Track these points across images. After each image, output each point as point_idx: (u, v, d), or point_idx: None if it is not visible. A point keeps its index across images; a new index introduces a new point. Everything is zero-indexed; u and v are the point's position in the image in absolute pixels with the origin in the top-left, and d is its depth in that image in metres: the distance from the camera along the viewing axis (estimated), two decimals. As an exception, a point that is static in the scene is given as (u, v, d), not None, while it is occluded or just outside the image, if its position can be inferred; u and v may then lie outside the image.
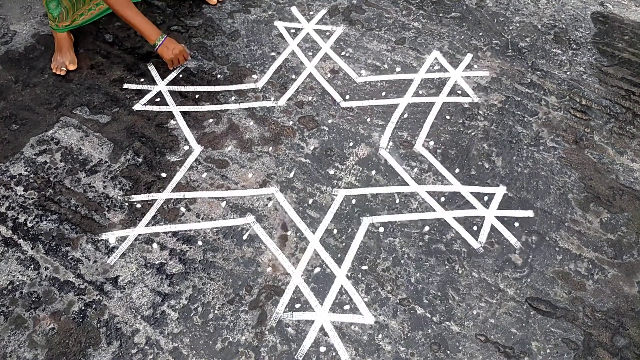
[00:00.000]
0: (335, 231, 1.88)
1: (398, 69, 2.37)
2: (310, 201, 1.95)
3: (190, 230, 1.86)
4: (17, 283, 1.72)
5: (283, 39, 2.48)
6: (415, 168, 2.05)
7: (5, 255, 1.78)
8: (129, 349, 1.61)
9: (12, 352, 1.59)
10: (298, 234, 1.86)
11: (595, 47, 2.51)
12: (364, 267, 1.80)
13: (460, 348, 1.65)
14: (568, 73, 2.39)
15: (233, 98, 2.24)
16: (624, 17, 2.66)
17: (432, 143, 2.13)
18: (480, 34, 2.54)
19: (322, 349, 1.63)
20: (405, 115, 2.21)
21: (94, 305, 1.69)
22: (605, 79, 2.37)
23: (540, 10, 2.68)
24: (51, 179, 1.96)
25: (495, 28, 2.57)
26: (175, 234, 1.85)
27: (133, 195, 1.93)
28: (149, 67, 2.32)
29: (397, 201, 1.96)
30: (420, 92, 2.29)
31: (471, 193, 1.99)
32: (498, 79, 2.35)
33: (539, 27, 2.59)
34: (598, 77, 2.38)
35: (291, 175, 2.02)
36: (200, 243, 1.83)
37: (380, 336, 1.66)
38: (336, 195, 1.97)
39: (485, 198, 1.98)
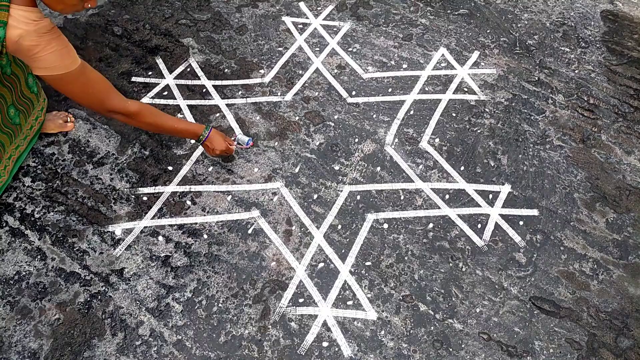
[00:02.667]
0: (339, 227, 1.88)
1: (405, 66, 2.37)
2: (315, 196, 1.95)
3: (196, 223, 1.87)
4: (24, 273, 1.74)
5: (290, 34, 2.48)
6: (420, 165, 2.05)
7: (13, 245, 1.80)
8: (133, 341, 1.62)
9: (17, 341, 1.61)
10: (302, 229, 1.87)
11: (605, 46, 2.49)
12: (368, 263, 1.80)
13: (462, 346, 1.65)
14: (576, 71, 2.37)
15: (240, 92, 2.24)
16: (633, 16, 2.63)
17: (437, 140, 2.12)
18: (488, 31, 2.53)
19: (325, 344, 1.63)
20: (411, 112, 2.21)
21: (99, 297, 1.70)
22: (614, 77, 2.36)
23: (549, 7, 2.66)
24: (59, 170, 1.98)
25: (503, 25, 2.56)
26: (180, 227, 1.86)
27: (139, 188, 1.94)
28: (157, 61, 2.33)
29: (402, 198, 1.96)
30: (426, 88, 2.29)
31: (476, 191, 1.99)
32: (505, 76, 2.34)
33: (548, 24, 2.57)
34: (607, 76, 2.36)
35: (296, 170, 2.02)
36: (205, 236, 1.84)
37: (382, 332, 1.66)
38: (341, 190, 1.97)
39: (490, 196, 1.97)
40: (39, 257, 1.77)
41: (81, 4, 1.34)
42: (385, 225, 1.89)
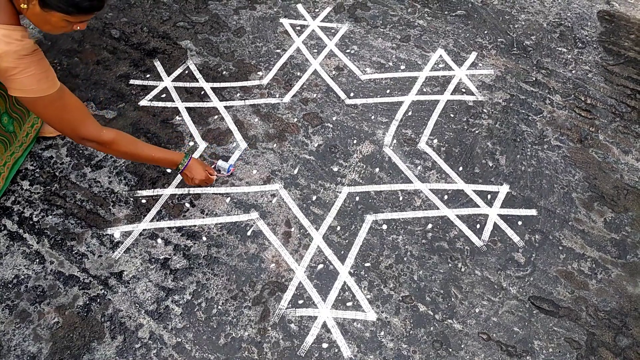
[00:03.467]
0: (338, 228, 1.88)
1: (403, 67, 2.37)
2: (314, 198, 1.95)
3: (195, 225, 1.87)
4: (23, 277, 1.73)
5: (288, 36, 2.48)
6: (419, 166, 2.05)
7: (11, 249, 1.79)
8: (132, 344, 1.62)
9: (16, 345, 1.61)
10: (302, 231, 1.87)
11: (601, 46, 2.50)
12: (367, 264, 1.80)
13: (462, 346, 1.65)
14: (573, 72, 2.38)
15: (238, 95, 2.24)
16: (630, 16, 2.64)
17: (436, 141, 2.13)
18: (485, 32, 2.53)
19: (325, 345, 1.63)
20: (410, 113, 2.21)
21: (98, 300, 1.70)
22: (611, 77, 2.37)
23: (546, 8, 2.67)
24: (57, 173, 1.97)
25: (500, 26, 2.56)
26: (179, 229, 1.86)
27: (138, 191, 1.94)
28: (155, 63, 2.33)
29: (401, 199, 1.96)
30: (424, 90, 2.29)
31: (474, 191, 1.99)
32: (503, 77, 2.35)
33: (545, 25, 2.58)
34: (603, 76, 2.37)
35: (295, 171, 2.02)
36: (204, 239, 1.84)
37: (382, 333, 1.66)
38: (340, 192, 1.97)
39: (489, 196, 1.98)
40: (37, 260, 1.77)
41: (69, 26, 1.32)
42: (384, 226, 1.89)
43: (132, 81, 2.27)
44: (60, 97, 1.38)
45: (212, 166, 1.96)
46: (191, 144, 2.08)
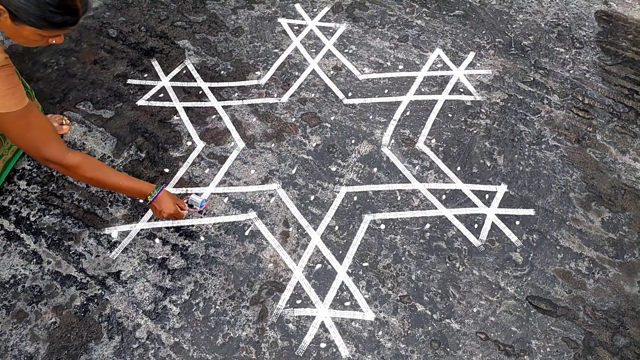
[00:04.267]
0: (336, 228, 1.88)
1: (401, 67, 2.37)
2: (312, 198, 1.95)
3: (193, 225, 1.87)
4: (20, 277, 1.73)
5: (286, 35, 2.48)
6: (417, 166, 2.05)
7: (8, 249, 1.79)
8: (130, 344, 1.62)
9: (13, 345, 1.60)
10: (300, 231, 1.87)
11: (599, 46, 2.50)
12: (365, 264, 1.80)
13: (460, 346, 1.65)
14: (571, 72, 2.38)
15: (236, 94, 2.24)
16: (628, 16, 2.65)
17: (434, 141, 2.13)
18: (483, 32, 2.54)
19: (323, 345, 1.63)
20: (408, 113, 2.21)
21: (95, 300, 1.69)
22: (609, 77, 2.37)
23: (544, 8, 2.67)
24: (54, 173, 1.97)
25: (498, 26, 2.57)
26: (177, 229, 1.86)
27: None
28: (153, 63, 2.33)
29: (399, 198, 1.96)
30: (422, 89, 2.29)
31: (472, 191, 1.99)
32: (501, 77, 2.35)
33: (543, 25, 2.58)
34: (601, 76, 2.37)
35: (293, 171, 2.02)
36: (202, 238, 1.84)
37: (380, 333, 1.66)
38: (338, 192, 1.97)
39: (487, 196, 1.98)
40: (34, 260, 1.77)
41: (44, 40, 1.27)
42: (382, 226, 1.89)
43: (129, 81, 2.26)
44: (25, 115, 1.33)
45: (185, 200, 1.84)
46: (189, 143, 2.07)
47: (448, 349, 1.64)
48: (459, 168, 2.05)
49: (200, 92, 2.25)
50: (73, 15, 1.22)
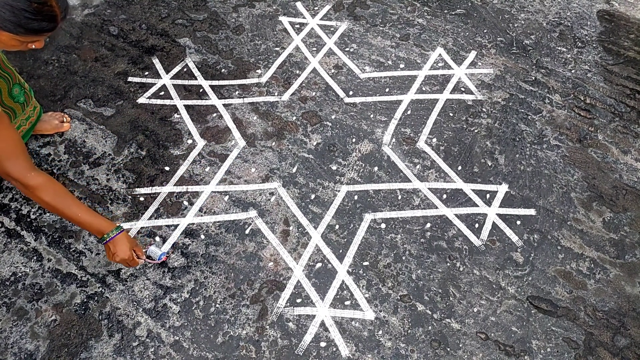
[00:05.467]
0: (337, 227, 1.88)
1: (402, 65, 2.37)
2: (313, 196, 1.95)
3: (193, 224, 1.87)
4: (20, 274, 1.73)
5: (287, 34, 2.47)
6: (417, 165, 2.05)
7: (9, 246, 1.79)
8: (130, 342, 1.62)
9: (14, 343, 1.60)
10: (300, 229, 1.87)
11: (601, 46, 2.50)
12: (365, 263, 1.80)
13: (460, 345, 1.65)
14: (573, 71, 2.38)
15: (237, 92, 2.24)
16: (630, 16, 2.64)
17: (435, 140, 2.12)
18: (484, 31, 2.53)
19: (323, 344, 1.63)
20: (409, 112, 2.21)
21: (96, 298, 1.69)
22: (610, 77, 2.36)
23: (545, 7, 2.66)
24: (55, 171, 1.97)
25: (500, 25, 2.56)
26: (177, 227, 1.85)
27: (136, 189, 1.94)
28: (154, 61, 2.32)
29: (399, 198, 1.96)
30: (423, 88, 2.29)
31: (473, 190, 1.99)
32: (502, 76, 2.34)
33: (544, 24, 2.58)
34: (603, 76, 2.37)
35: (294, 170, 2.02)
36: (202, 237, 1.84)
37: (380, 332, 1.66)
38: (338, 190, 1.97)
39: (488, 196, 1.98)
40: (35, 258, 1.77)
41: (22, 45, 1.25)
42: (383, 225, 1.89)
43: (130, 78, 2.26)
44: None
45: (144, 249, 1.72)
46: (189, 141, 2.07)
47: (448, 349, 1.64)
48: (459, 167, 2.05)
49: (201, 90, 2.24)
50: (51, 21, 1.19)
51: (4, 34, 1.18)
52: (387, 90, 2.28)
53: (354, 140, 2.11)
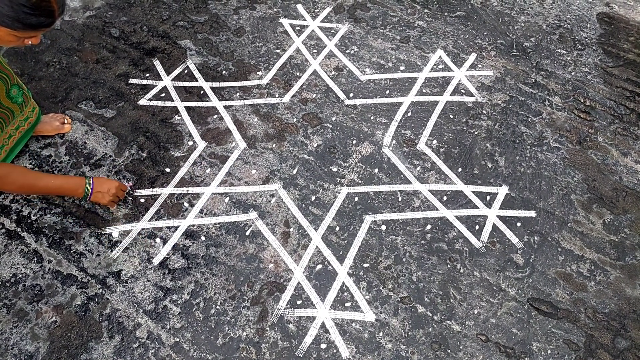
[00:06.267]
0: (337, 228, 1.88)
1: (402, 68, 2.37)
2: (313, 198, 1.95)
3: (193, 225, 1.87)
4: (20, 276, 1.73)
5: (288, 36, 2.48)
6: (418, 167, 2.05)
7: (9, 247, 1.79)
8: (130, 343, 1.62)
9: (14, 344, 1.60)
10: (300, 231, 1.87)
11: (601, 48, 2.50)
12: (366, 265, 1.80)
13: (460, 347, 1.65)
14: (573, 73, 2.38)
15: (237, 94, 2.24)
16: (629, 18, 2.65)
17: (435, 142, 2.12)
18: (485, 33, 2.54)
19: (323, 345, 1.63)
20: (409, 114, 2.21)
21: (96, 299, 1.69)
22: (610, 79, 2.37)
23: (545, 10, 2.67)
24: (55, 172, 1.97)
25: (500, 27, 2.57)
26: (178, 228, 1.86)
27: (137, 190, 1.94)
28: (155, 62, 2.33)
29: (400, 199, 1.96)
30: (424, 90, 2.29)
31: (473, 192, 1.99)
32: (502, 78, 2.35)
33: (544, 27, 2.58)
34: (603, 78, 2.37)
35: (294, 172, 2.02)
36: (203, 238, 1.84)
37: (381, 334, 1.66)
38: (339, 192, 1.97)
39: (488, 197, 1.98)
40: (35, 259, 1.77)
41: (19, 41, 1.25)
42: (383, 227, 1.89)
43: (131, 80, 2.26)
44: None
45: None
46: (190, 143, 2.07)
47: (449, 351, 1.64)
48: (460, 169, 2.05)
49: (202, 92, 2.25)
50: (49, 16, 1.20)
51: (2, 29, 1.19)
52: (387, 92, 2.28)
53: (354, 142, 2.11)
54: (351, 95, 2.26)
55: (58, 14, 1.22)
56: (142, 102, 2.19)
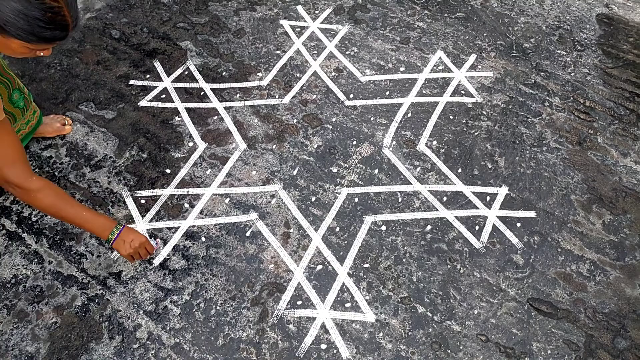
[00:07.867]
0: (337, 229, 1.88)
1: (402, 69, 2.38)
2: (313, 199, 1.95)
3: (194, 226, 1.87)
4: (21, 277, 1.73)
5: (288, 37, 2.48)
6: (418, 167, 2.05)
7: (10, 248, 1.79)
8: (130, 344, 1.62)
9: (14, 345, 1.60)
10: (301, 232, 1.87)
11: (600, 49, 2.50)
12: (366, 265, 1.80)
13: (460, 347, 1.65)
14: (572, 74, 2.39)
15: (238, 95, 2.25)
16: (629, 19, 2.65)
17: (435, 143, 2.13)
18: (484, 34, 2.54)
19: (323, 346, 1.63)
20: (409, 115, 2.22)
21: (96, 300, 1.69)
22: (610, 80, 2.37)
23: (545, 11, 2.67)
24: (56, 173, 1.97)
25: (499, 29, 2.57)
26: (178, 229, 1.86)
27: (137, 191, 1.94)
28: (155, 64, 2.33)
29: (400, 200, 1.96)
30: (424, 91, 2.30)
31: (473, 193, 1.99)
32: (502, 79, 2.35)
33: (544, 28, 2.59)
34: (602, 79, 2.38)
35: (294, 172, 2.02)
36: (203, 239, 1.84)
37: (381, 334, 1.66)
38: (339, 193, 1.97)
39: (488, 198, 1.98)
40: (36, 260, 1.77)
41: (32, 52, 1.25)
42: (383, 228, 1.89)
43: (132, 81, 2.27)
44: None
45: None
46: (190, 144, 2.08)
47: (449, 351, 1.64)
48: (460, 170, 2.05)
49: (202, 93, 2.25)
50: (63, 30, 1.19)
51: (15, 42, 1.19)
52: (387, 93, 2.29)
53: (354, 142, 2.12)
54: (351, 96, 2.27)
55: (72, 27, 1.22)
56: (143, 103, 2.20)
